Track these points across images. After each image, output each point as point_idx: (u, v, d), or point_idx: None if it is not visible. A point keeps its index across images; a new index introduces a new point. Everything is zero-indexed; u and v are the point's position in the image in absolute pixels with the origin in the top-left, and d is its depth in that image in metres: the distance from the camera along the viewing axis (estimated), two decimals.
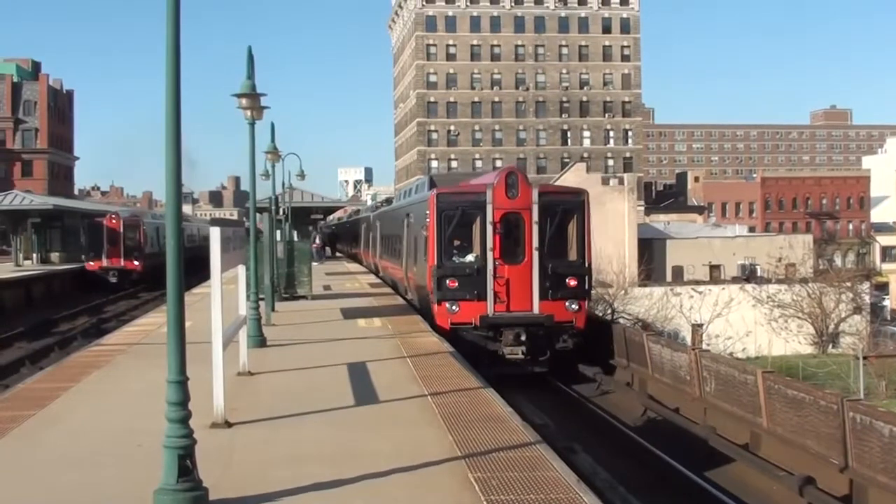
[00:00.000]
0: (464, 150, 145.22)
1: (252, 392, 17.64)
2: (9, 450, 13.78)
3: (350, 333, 27.18)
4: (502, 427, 14.52)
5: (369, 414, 15.80)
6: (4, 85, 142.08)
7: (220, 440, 13.38)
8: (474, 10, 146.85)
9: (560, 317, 28.86)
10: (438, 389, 17.59)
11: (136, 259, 72.33)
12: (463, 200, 29.43)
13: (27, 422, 15.58)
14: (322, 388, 18.35)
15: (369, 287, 46.15)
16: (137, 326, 31.01)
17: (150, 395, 18.03)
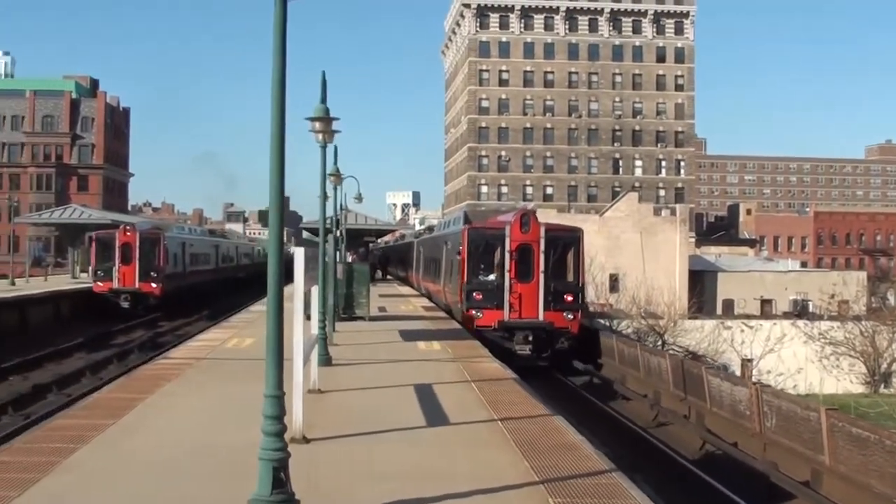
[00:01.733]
0: (514, 177, 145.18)
1: (324, 409, 17.87)
2: (94, 457, 14.23)
3: (411, 355, 27.41)
4: (576, 454, 14.66)
5: (442, 435, 16.01)
6: (63, 101, 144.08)
7: (300, 455, 13.59)
8: (528, 37, 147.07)
9: (559, 323, 37.11)
10: (507, 415, 17.74)
11: (154, 281, 61.35)
12: (488, 233, 38.85)
13: (108, 430, 16.03)
14: (392, 407, 18.59)
15: (423, 310, 46.44)
16: (201, 342, 31.43)
17: (223, 409, 18.47)
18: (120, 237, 61.19)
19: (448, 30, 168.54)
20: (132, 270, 60.60)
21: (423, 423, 17.05)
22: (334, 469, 13.51)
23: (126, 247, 60.97)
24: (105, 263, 60.97)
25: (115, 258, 60.62)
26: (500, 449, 14.90)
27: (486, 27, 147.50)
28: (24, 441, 15.58)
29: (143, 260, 60.93)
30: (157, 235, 63.66)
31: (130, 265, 60.60)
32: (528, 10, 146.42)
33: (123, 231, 61.80)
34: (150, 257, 61.53)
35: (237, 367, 24.83)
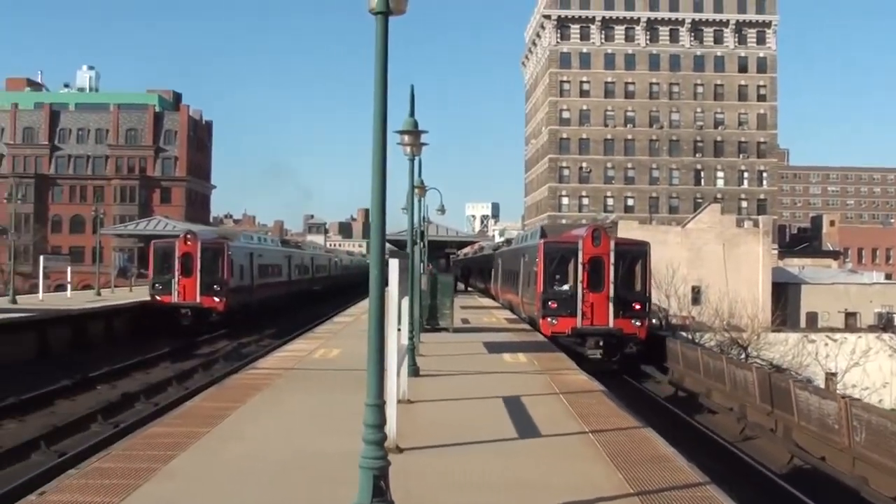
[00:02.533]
0: (595, 188, 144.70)
1: (414, 420, 18.01)
2: (192, 463, 14.58)
3: (497, 367, 27.50)
4: (668, 466, 14.66)
5: (533, 447, 16.08)
6: (147, 115, 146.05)
7: (394, 465, 13.71)
8: (609, 48, 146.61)
9: (628, 330, 39.56)
10: (597, 427, 17.77)
11: (218, 295, 56.38)
12: (562, 247, 41.46)
13: (203, 438, 16.36)
14: (482, 419, 18.71)
15: (506, 322, 46.52)
16: (288, 352, 31.78)
17: (315, 418, 18.71)
18: (180, 247, 56.23)
19: (528, 41, 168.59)
20: (193, 283, 55.85)
21: (514, 434, 17.13)
22: (428, 479, 13.66)
23: (186, 257, 56.08)
24: (164, 275, 56.40)
25: (175, 270, 55.92)
26: (592, 461, 14.94)
27: (566, 38, 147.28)
28: (122, 448, 15.93)
29: (206, 272, 56.13)
30: (221, 245, 58.43)
31: (191, 277, 55.81)
32: (608, 21, 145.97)
33: (184, 240, 56.74)
34: (213, 269, 56.60)
35: (326, 377, 25.11)
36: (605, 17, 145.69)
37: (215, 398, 21.22)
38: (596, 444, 16.15)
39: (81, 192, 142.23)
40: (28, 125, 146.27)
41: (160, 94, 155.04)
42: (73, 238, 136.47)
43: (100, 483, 13.21)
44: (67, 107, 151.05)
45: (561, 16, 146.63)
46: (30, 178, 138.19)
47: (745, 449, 28.93)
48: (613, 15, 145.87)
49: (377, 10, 10.42)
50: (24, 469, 21.96)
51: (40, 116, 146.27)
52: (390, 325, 14.85)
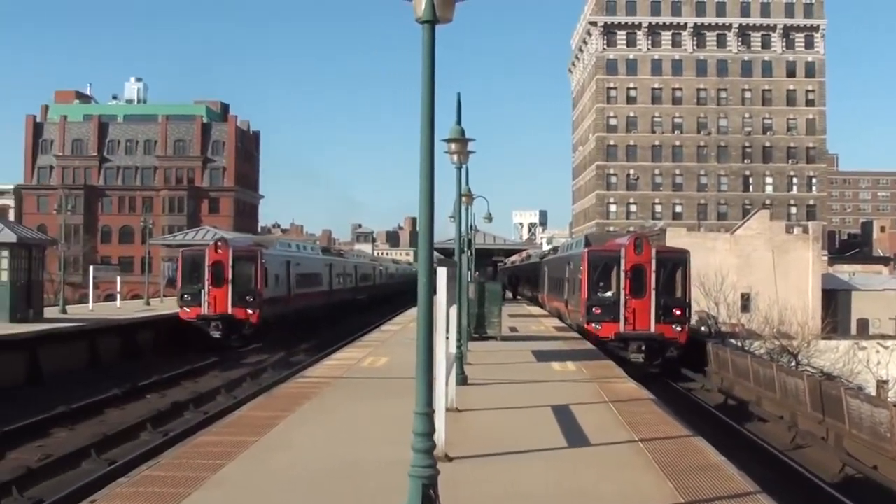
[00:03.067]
0: (643, 195, 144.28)
1: (463, 428, 17.95)
2: (241, 472, 14.62)
3: (546, 376, 27.39)
4: (719, 475, 14.50)
5: (583, 456, 15.97)
6: (195, 126, 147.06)
7: (443, 474, 13.68)
8: (656, 54, 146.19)
9: (669, 335, 40.91)
10: (647, 435, 17.64)
11: (251, 306, 52.54)
12: (606, 255, 42.78)
13: (252, 447, 16.41)
14: (531, 427, 18.63)
15: (555, 330, 46.30)
16: (336, 361, 31.83)
17: (363, 427, 18.73)
18: (210, 255, 52.35)
19: (575, 47, 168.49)
20: (224, 294, 51.88)
21: (563, 443, 17.04)
22: (477, 488, 13.61)
23: (217, 266, 52.16)
24: (193, 286, 52.52)
25: (205, 280, 51.99)
26: (642, 470, 14.83)
27: (613, 45, 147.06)
28: (172, 457, 16.01)
29: (238, 282, 52.33)
30: (254, 253, 54.45)
31: (222, 288, 51.83)
32: (655, 26, 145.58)
33: (214, 248, 53.02)
34: (246, 278, 52.86)
35: (374, 385, 25.11)
36: (652, 23, 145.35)
37: (264, 407, 21.29)
38: (646, 453, 16.03)
39: (130, 203, 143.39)
40: (77, 137, 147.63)
41: (208, 104, 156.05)
42: (123, 248, 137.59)
43: (150, 491, 13.29)
44: (116, 118, 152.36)
45: (607, 22, 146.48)
46: (79, 190, 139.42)
47: (796, 458, 28.68)
48: (660, 21, 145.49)
49: (424, 19, 10.40)
50: (75, 477, 22.11)
51: (89, 128, 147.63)
52: (439, 333, 14.82)
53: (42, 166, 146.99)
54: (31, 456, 24.50)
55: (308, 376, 27.50)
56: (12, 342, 37.71)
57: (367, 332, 49.60)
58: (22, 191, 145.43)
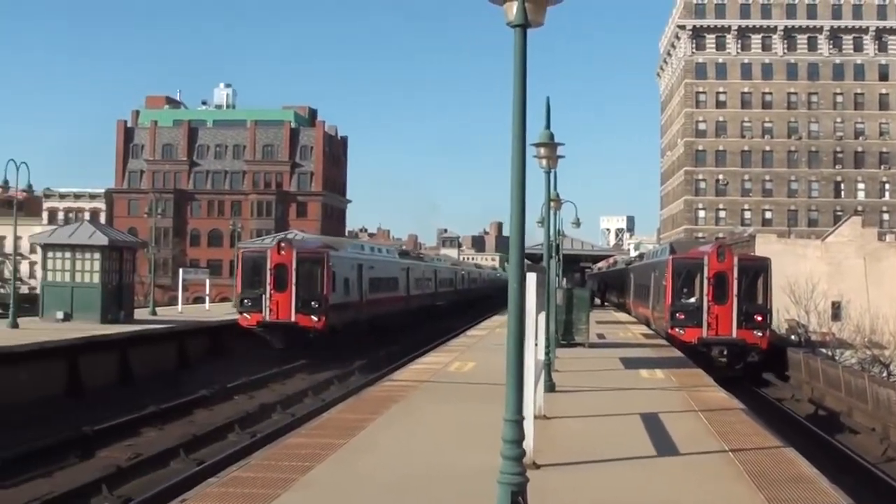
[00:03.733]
0: (732, 201, 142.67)
1: (551, 436, 17.84)
2: (329, 474, 14.71)
3: (634, 384, 27.14)
4: (811, 487, 14.23)
5: (672, 465, 15.80)
6: (283, 131, 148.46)
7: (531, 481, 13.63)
8: (745, 57, 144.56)
9: (750, 340, 41.64)
10: (737, 445, 17.39)
11: (316, 312, 48.24)
12: (689, 262, 43.59)
13: (340, 449, 16.50)
14: (619, 436, 18.48)
15: (643, 338, 46.03)
16: (423, 365, 31.87)
17: (451, 431, 18.71)
18: (272, 257, 48.18)
19: (663, 51, 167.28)
20: (287, 299, 47.93)
21: (653, 452, 16.86)
22: (565, 496, 13.55)
23: (280, 269, 48.06)
24: (254, 290, 48.49)
25: (267, 283, 47.92)
26: (733, 480, 14.61)
27: (702, 48, 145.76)
28: (261, 458, 16.15)
29: (302, 286, 48.17)
30: (321, 255, 49.93)
31: (285, 292, 47.83)
32: (744, 30, 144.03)
33: (277, 248, 48.78)
34: (311, 282, 48.60)
35: (461, 390, 25.10)
36: (742, 27, 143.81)
37: (352, 409, 21.39)
38: (736, 463, 15.79)
39: (219, 207, 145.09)
40: (167, 142, 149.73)
41: (296, 110, 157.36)
42: (211, 251, 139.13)
43: (239, 492, 13.41)
44: (205, 124, 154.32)
45: (696, 26, 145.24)
46: (169, 194, 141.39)
47: (888, 471, 28.15)
48: (750, 24, 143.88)
49: (516, 23, 10.34)
50: (164, 476, 22.36)
51: (179, 133, 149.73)
52: (528, 339, 14.75)
53: (133, 170, 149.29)
54: (122, 455, 24.86)
55: (395, 380, 27.59)
56: (105, 343, 38.32)
57: (453, 336, 49.57)
58: (113, 194, 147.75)
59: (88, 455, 24.89)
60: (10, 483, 20.99)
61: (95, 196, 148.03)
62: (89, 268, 43.57)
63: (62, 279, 43.96)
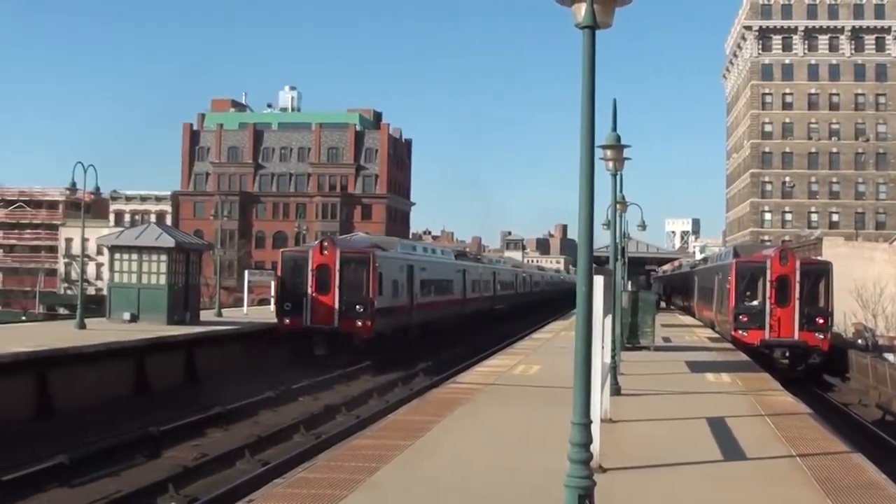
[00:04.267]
0: (798, 203, 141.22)
1: (617, 439, 17.76)
2: (395, 476, 14.78)
3: (700, 387, 26.98)
4: (881, 494, 14.04)
5: (739, 470, 15.67)
6: (348, 134, 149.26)
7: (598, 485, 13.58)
8: (812, 58, 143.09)
9: (812, 342, 42.53)
10: (805, 451, 17.22)
11: (361, 317, 45.35)
12: (752, 266, 44.54)
13: (406, 451, 16.58)
14: (685, 440, 18.37)
15: (708, 341, 45.79)
16: (488, 367, 31.90)
17: (516, 434, 18.70)
18: (314, 257, 45.83)
19: (729, 53, 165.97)
20: (330, 302, 45.42)
21: (719, 457, 16.73)
22: (632, 500, 13.51)
23: (322, 270, 45.55)
24: (296, 293, 46.42)
25: (308, 285, 45.71)
26: (801, 486, 14.47)
27: (768, 49, 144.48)
28: (327, 459, 16.26)
29: (346, 288, 45.61)
30: (366, 255, 46.78)
31: (328, 295, 45.38)
32: (811, 30, 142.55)
33: (319, 248, 46.35)
34: (356, 285, 45.77)
35: (526, 393, 25.05)
36: (808, 27, 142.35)
37: (417, 411, 21.45)
38: (804, 469, 15.64)
39: (284, 209, 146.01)
40: (233, 145, 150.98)
41: (361, 112, 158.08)
42: (276, 254, 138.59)
43: (305, 493, 13.51)
44: (271, 126, 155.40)
45: (762, 26, 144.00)
46: (234, 196, 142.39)
47: None
48: (816, 24, 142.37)
49: (584, 24, 10.31)
50: (229, 476, 22.49)
51: (244, 136, 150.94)
52: (595, 343, 14.70)
53: (199, 173, 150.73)
54: (188, 455, 25.04)
55: (460, 382, 27.61)
56: (171, 344, 38.65)
57: (516, 340, 49.50)
58: (179, 197, 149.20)
59: (155, 455, 25.11)
60: (78, 482, 21.21)
61: (162, 198, 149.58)
62: (156, 269, 43.88)
63: (129, 280, 44.33)
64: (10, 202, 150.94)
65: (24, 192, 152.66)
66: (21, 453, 23.30)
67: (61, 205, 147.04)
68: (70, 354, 32.13)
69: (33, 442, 25.27)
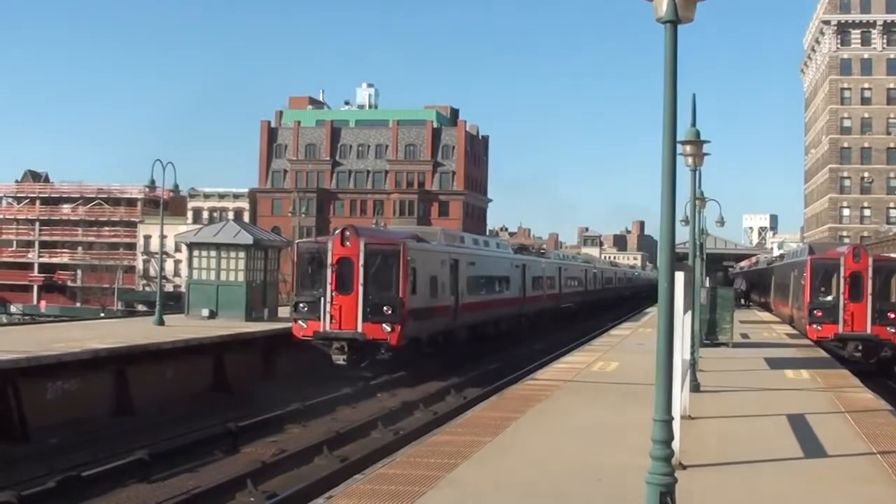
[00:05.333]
0: (877, 199, 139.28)
1: (696, 436, 17.68)
2: (474, 472, 14.86)
3: (779, 384, 26.73)
4: None
5: (819, 467, 15.56)
6: (425, 130, 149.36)
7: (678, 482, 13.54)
8: (891, 52, 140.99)
9: (884, 336, 42.64)
10: (886, 448, 17.03)
11: (389, 320, 36.81)
12: (827, 263, 45.08)
13: (485, 447, 16.67)
14: (765, 437, 18.24)
15: (787, 338, 45.83)
16: (566, 364, 31.87)
17: (594, 431, 18.66)
18: (334, 249, 37.47)
19: (807, 47, 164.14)
20: (352, 303, 36.93)
21: (799, 454, 16.60)
22: (712, 497, 13.47)
23: (344, 265, 37.26)
24: (314, 290, 37.84)
25: (327, 283, 37.20)
26: (883, 484, 14.34)
27: (846, 44, 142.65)
28: (406, 455, 16.33)
29: (373, 286, 37.22)
30: (396, 247, 38.13)
31: (349, 295, 37.10)
32: (890, 24, 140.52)
33: (340, 239, 37.77)
34: (383, 282, 37.55)
35: (605, 390, 25.00)
36: (887, 21, 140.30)
37: (495, 408, 21.49)
38: (885, 466, 15.48)
39: (361, 206, 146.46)
40: (310, 142, 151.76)
41: (438, 109, 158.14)
42: None
43: (385, 489, 13.62)
44: (348, 123, 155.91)
45: (841, 21, 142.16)
46: (312, 193, 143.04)
47: None
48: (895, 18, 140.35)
49: (666, 19, 10.28)
50: (308, 472, 22.62)
51: (322, 133, 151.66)
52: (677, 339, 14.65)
53: (276, 170, 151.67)
54: (266, 451, 25.22)
55: (538, 378, 27.58)
56: (250, 340, 38.91)
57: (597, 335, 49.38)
58: (256, 194, 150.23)
59: (233, 451, 25.31)
60: (157, 478, 21.45)
61: (239, 196, 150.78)
62: (234, 266, 44.23)
63: (207, 277, 44.73)
64: (90, 199, 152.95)
65: (102, 189, 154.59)
66: (101, 449, 23.64)
67: (140, 202, 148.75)
68: (149, 351, 32.44)
69: (113, 438, 25.61)
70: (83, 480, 20.19)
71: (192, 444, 25.25)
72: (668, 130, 10.44)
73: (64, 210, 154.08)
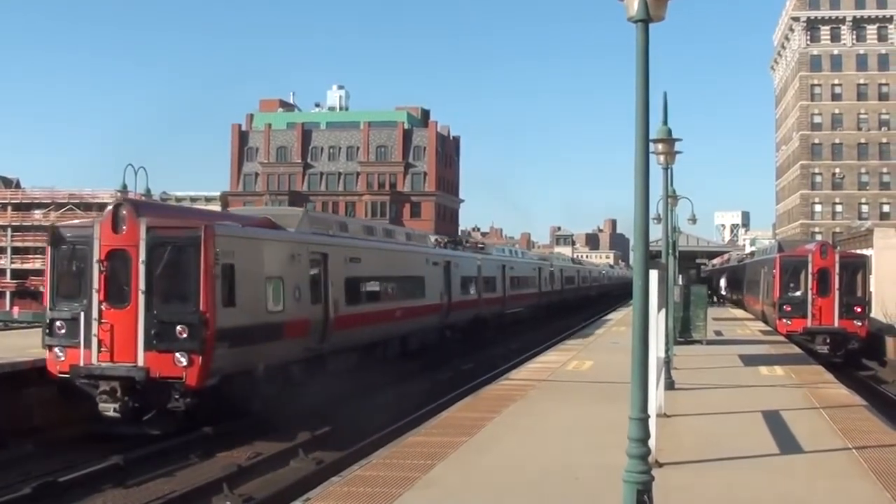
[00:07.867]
0: (849, 195, 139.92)
1: (672, 434, 17.73)
2: (451, 473, 14.89)
3: (753, 381, 26.85)
4: None
5: (796, 463, 15.64)
6: (396, 132, 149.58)
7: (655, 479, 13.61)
8: (861, 48, 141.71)
9: (850, 329, 45.53)
10: (861, 443, 17.12)
11: (205, 348, 23.85)
12: (795, 259, 48.18)
13: (461, 448, 16.69)
14: (740, 434, 18.30)
15: (761, 334, 46.06)
16: (540, 364, 31.86)
17: (568, 430, 18.70)
18: (103, 237, 24.59)
19: (777, 44, 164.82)
20: (131, 321, 24.33)
21: (775, 450, 16.68)
22: (689, 494, 13.49)
23: (118, 261, 24.72)
24: (73, 302, 25.52)
25: (102, 288, 24.76)
26: (859, 479, 14.41)
27: (816, 40, 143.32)
28: (383, 457, 16.34)
29: (163, 294, 24.78)
30: (194, 233, 24.41)
31: (128, 308, 24.62)
32: (859, 20, 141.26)
33: (111, 221, 24.46)
34: (184, 288, 24.86)
35: (579, 389, 25.03)
36: (857, 17, 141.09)
37: (471, 408, 21.49)
38: (860, 461, 15.57)
39: (333, 208, 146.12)
40: (281, 144, 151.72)
41: (408, 110, 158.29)
42: None
43: (362, 490, 13.64)
44: (319, 126, 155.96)
45: (810, 17, 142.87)
46: (284, 195, 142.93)
47: None
48: (865, 14, 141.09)
49: (637, 18, 10.32)
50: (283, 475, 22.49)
51: (293, 136, 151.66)
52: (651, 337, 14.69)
53: (248, 173, 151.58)
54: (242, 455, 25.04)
55: (512, 378, 27.59)
56: None
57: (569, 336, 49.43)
58: (228, 197, 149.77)
59: (209, 455, 25.09)
60: (133, 483, 21.27)
61: (211, 199, 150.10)
62: None
63: None
64: (62, 205, 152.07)
65: (74, 194, 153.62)
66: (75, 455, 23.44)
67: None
68: None
69: (87, 444, 25.30)
70: (58, 486, 20.01)
71: (168, 449, 24.90)
72: (640, 129, 10.48)
73: (35, 216, 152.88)
